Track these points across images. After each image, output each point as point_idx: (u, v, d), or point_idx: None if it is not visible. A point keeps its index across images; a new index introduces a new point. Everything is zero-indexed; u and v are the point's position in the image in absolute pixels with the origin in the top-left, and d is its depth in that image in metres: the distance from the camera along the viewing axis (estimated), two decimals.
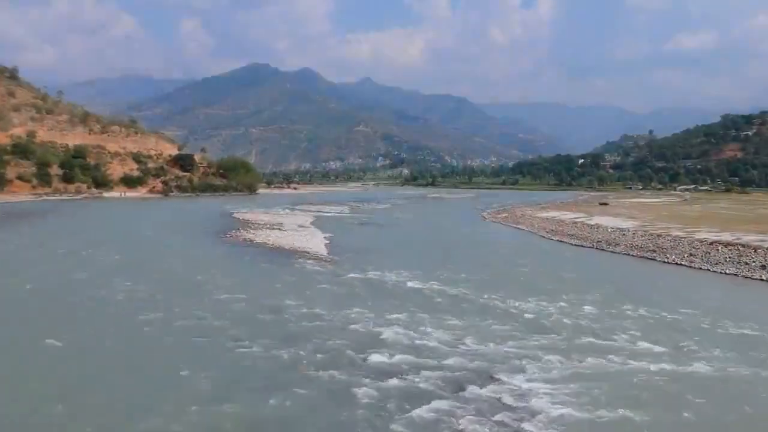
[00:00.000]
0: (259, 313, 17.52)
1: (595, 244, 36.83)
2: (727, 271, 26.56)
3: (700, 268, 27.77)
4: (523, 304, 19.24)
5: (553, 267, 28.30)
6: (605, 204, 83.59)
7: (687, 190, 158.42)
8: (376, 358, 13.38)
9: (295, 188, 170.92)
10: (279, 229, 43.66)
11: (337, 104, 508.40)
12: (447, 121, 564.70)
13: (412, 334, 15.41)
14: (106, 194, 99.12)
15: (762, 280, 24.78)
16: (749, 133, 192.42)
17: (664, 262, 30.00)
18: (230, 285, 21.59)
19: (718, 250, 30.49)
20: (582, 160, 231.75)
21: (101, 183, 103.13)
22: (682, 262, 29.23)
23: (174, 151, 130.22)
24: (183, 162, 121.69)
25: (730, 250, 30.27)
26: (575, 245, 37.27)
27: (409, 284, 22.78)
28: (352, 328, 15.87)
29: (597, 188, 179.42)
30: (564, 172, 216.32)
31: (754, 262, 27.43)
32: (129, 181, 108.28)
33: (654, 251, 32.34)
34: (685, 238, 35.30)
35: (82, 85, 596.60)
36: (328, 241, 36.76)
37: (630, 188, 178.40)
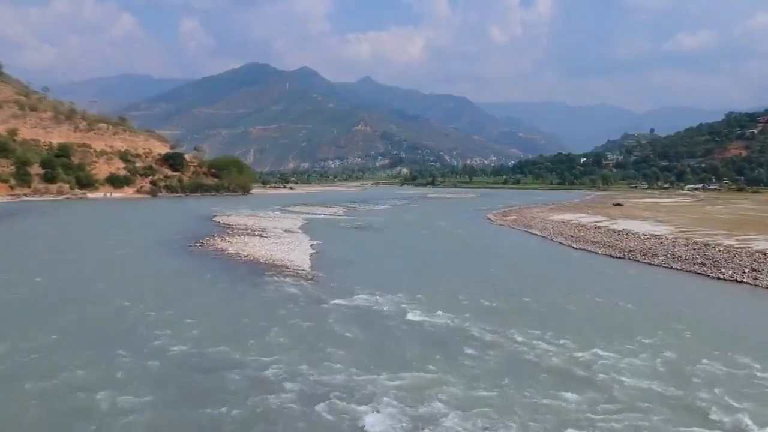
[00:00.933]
0: (193, 375, 12.06)
1: (627, 253, 31.36)
2: None
3: None
4: (579, 353, 13.53)
5: (593, 286, 22.71)
6: (620, 205, 77.98)
7: (696, 189, 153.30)
8: None
9: (291, 188, 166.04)
10: (261, 235, 38.13)
11: (336, 103, 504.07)
12: (447, 121, 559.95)
13: (411, 417, 9.95)
14: (89, 195, 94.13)
15: None
16: (754, 131, 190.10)
17: (718, 278, 24.61)
18: (169, 321, 16.07)
19: None
20: (584, 159, 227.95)
21: (86, 183, 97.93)
22: (744, 279, 23.86)
23: (165, 150, 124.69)
24: (172, 161, 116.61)
25: None
26: (603, 255, 31.84)
27: (410, 316, 17.34)
28: (321, 407, 10.34)
29: (601, 188, 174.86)
30: (566, 171, 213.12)
31: None
32: (115, 181, 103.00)
33: (703, 264, 26.92)
34: (741, 249, 29.80)
35: (82, 84, 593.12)
36: (314, 251, 31.39)
37: (635, 187, 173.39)
